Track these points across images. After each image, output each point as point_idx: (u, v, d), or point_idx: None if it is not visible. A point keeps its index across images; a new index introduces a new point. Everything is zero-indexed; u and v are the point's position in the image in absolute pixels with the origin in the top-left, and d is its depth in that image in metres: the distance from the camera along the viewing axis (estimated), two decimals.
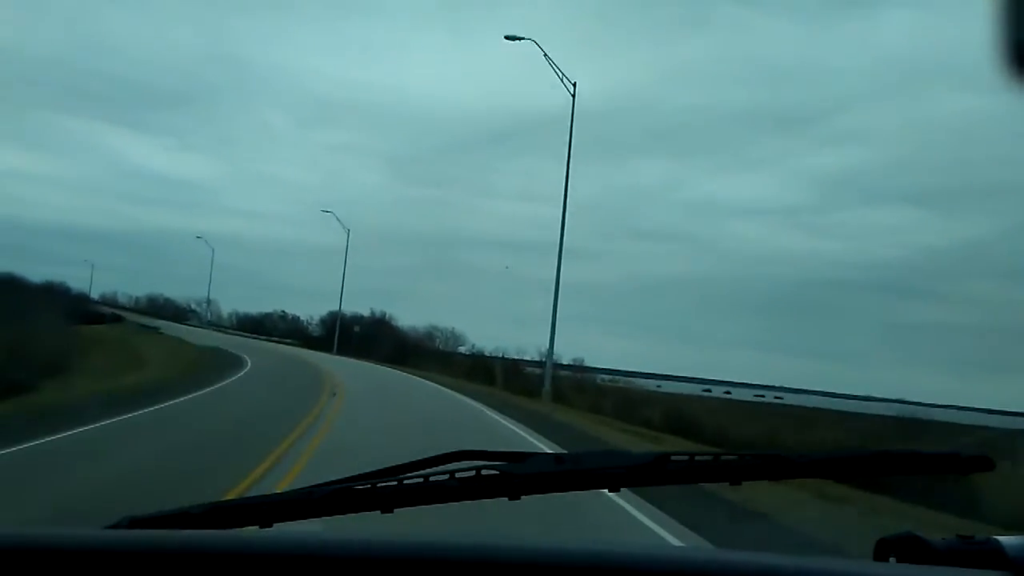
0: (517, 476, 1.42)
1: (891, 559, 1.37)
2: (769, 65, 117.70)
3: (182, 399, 19.70)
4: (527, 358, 53.18)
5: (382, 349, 61.55)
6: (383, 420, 19.09)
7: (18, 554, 1.19)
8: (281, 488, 8.38)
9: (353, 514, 1.43)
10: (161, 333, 59.75)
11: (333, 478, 1.48)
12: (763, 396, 64.98)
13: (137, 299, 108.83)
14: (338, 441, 13.97)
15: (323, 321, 79.15)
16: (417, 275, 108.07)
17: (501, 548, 1.28)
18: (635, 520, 9.15)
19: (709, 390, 64.03)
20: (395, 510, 1.41)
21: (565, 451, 1.73)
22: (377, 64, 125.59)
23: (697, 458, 1.45)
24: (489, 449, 1.51)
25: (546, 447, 16.27)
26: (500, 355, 56.18)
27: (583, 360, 56.93)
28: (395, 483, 1.40)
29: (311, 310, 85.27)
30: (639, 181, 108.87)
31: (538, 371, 41.76)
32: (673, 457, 1.43)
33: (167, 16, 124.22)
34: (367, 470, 1.51)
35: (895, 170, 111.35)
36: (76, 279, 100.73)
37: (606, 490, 1.48)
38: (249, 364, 35.81)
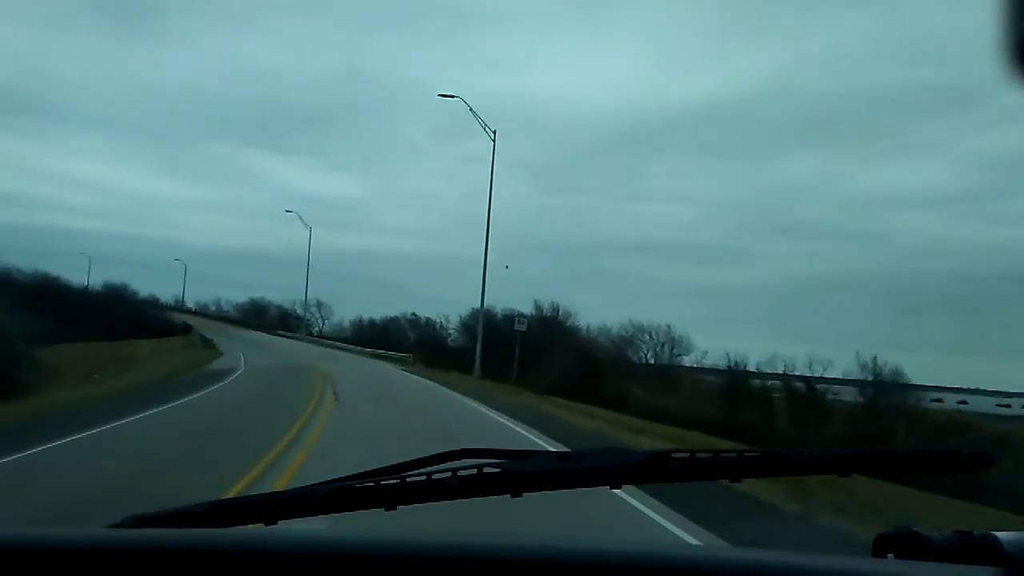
0: (519, 474, 1.42)
1: (889, 555, 1.38)
2: (927, 38, 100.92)
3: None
4: (833, 375, 34.37)
5: (558, 365, 39.02)
6: None
7: (23, 554, 1.20)
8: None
9: (356, 511, 1.43)
10: (213, 347, 51.09)
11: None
12: (1008, 406, 51.35)
13: (241, 305, 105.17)
14: None
15: (464, 325, 52.64)
16: (568, 284, 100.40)
17: (505, 546, 1.28)
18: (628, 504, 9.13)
19: (1008, 404, 50.59)
20: (398, 507, 1.41)
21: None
22: (508, 72, 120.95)
23: (698, 455, 1.46)
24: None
25: None
26: (758, 370, 35.42)
27: (905, 375, 33.12)
28: (398, 480, 1.41)
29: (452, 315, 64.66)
30: (791, 176, 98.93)
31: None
32: (674, 455, 1.44)
33: (305, 39, 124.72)
34: None
35: None
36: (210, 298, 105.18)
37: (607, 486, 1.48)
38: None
